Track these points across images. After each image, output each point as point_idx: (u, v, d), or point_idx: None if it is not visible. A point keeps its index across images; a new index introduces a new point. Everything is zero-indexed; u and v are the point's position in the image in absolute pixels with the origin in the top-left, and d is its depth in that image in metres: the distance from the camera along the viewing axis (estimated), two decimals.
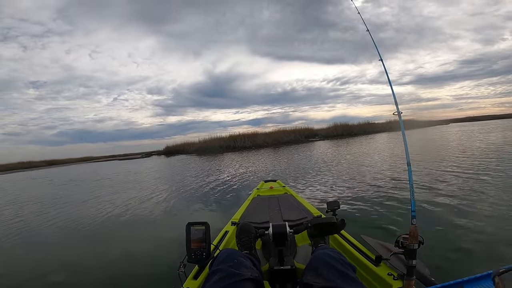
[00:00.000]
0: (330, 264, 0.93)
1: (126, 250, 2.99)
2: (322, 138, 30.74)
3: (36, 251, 3.36)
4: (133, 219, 4.33)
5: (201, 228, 1.19)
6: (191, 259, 1.18)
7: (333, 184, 5.25)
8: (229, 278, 0.89)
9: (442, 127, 28.66)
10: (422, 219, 2.83)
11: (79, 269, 2.63)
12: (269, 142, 28.31)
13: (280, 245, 1.23)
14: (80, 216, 4.88)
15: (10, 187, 13.49)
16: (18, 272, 2.73)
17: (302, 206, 2.02)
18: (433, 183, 4.36)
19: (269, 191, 2.67)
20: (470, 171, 5.01)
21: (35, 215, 5.40)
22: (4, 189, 12.47)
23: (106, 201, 6.15)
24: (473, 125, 30.65)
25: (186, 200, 5.38)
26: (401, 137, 1.31)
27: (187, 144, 34.25)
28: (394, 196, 3.90)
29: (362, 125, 33.20)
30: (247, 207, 2.14)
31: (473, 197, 3.43)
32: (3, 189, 12.50)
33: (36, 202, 7.25)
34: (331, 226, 1.19)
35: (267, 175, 7.24)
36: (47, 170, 30.07)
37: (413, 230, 1.12)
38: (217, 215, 3.98)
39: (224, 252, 1.04)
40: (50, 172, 25.50)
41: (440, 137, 15.48)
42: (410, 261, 1.09)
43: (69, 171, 23.68)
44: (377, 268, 1.18)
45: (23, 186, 13.10)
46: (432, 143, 11.92)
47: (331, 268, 0.92)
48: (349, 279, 0.87)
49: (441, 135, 17.39)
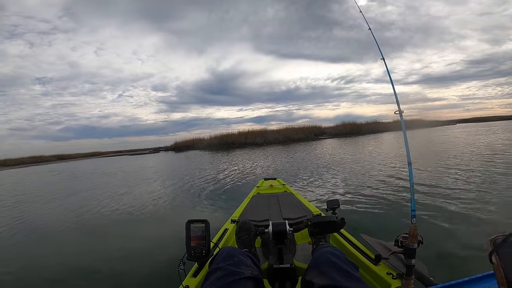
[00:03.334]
0: (334, 262, 0.92)
1: (126, 246, 2.99)
2: (331, 136, 30.69)
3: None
4: (135, 214, 4.35)
5: (201, 225, 1.19)
6: (191, 257, 1.18)
7: (334, 182, 5.23)
8: (229, 276, 0.89)
9: (449, 127, 28.22)
10: (422, 218, 2.83)
11: (78, 265, 2.63)
12: (280, 140, 28.38)
13: (279, 244, 1.23)
14: (84, 210, 4.97)
15: (53, 178, 13.40)
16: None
17: (302, 204, 2.01)
18: (434, 183, 4.31)
19: (269, 189, 2.66)
20: (473, 172, 4.92)
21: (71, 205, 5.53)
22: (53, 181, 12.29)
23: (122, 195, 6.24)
24: (481, 125, 30.02)
25: (187, 196, 5.41)
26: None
27: (196, 140, 34.66)
28: (394, 195, 3.87)
29: (369, 124, 32.91)
30: (246, 205, 2.14)
31: (475, 198, 3.38)
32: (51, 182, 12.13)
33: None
34: (331, 225, 1.19)
35: (276, 173, 7.21)
36: (60, 164, 30.42)
37: (412, 230, 1.11)
38: (217, 213, 3.98)
39: (225, 250, 1.04)
40: (65, 166, 25.76)
41: (446, 137, 15.17)
42: (409, 261, 1.09)
43: (84, 165, 23.81)
44: (376, 267, 1.18)
45: (53, 179, 13.07)
46: (437, 143, 11.71)
47: (335, 266, 0.91)
48: (353, 278, 0.87)
49: (447, 135, 17.06)
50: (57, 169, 20.74)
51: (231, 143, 28.86)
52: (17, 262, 2.86)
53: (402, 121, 1.34)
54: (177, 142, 37.35)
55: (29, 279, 2.49)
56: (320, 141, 24.91)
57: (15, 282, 2.48)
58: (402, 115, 1.35)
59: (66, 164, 30.73)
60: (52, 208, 5.50)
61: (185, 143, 35.71)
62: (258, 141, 28.44)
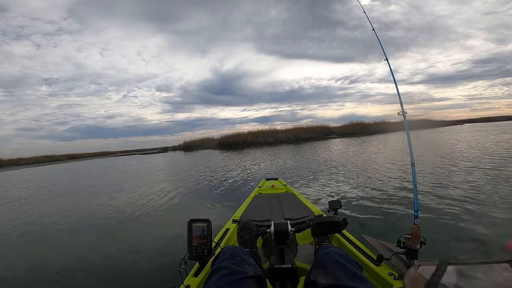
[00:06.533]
0: (339, 262, 0.92)
1: (128, 244, 3.01)
2: (340, 135, 30.82)
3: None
4: (138, 213, 4.38)
5: (203, 225, 1.20)
6: (192, 256, 1.19)
7: (336, 182, 5.18)
8: (232, 275, 0.90)
9: (456, 127, 27.59)
10: (425, 219, 2.78)
11: (79, 262, 2.66)
12: (291, 139, 28.55)
13: (281, 244, 1.22)
14: (94, 209, 5.00)
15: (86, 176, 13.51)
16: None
17: (303, 204, 2.01)
18: (438, 183, 4.23)
19: (271, 190, 2.65)
20: (479, 172, 4.81)
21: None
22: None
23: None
24: (489, 125, 29.36)
25: (190, 195, 5.44)
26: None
27: (206, 139, 34.87)
28: (397, 196, 3.82)
29: (377, 123, 32.69)
30: (248, 205, 2.14)
31: (479, 199, 3.30)
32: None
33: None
34: (333, 225, 1.18)
35: (283, 172, 7.18)
36: (73, 163, 30.79)
37: (415, 230, 1.11)
38: (218, 212, 3.98)
39: (228, 249, 1.04)
40: (79, 164, 26.11)
41: (453, 137, 14.86)
42: (412, 261, 1.09)
43: (97, 164, 23.97)
44: (378, 267, 1.17)
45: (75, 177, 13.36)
46: (443, 143, 11.50)
47: (340, 266, 0.91)
48: (358, 278, 0.87)
49: (454, 135, 16.74)
50: (74, 168, 21.07)
51: (243, 142, 29.16)
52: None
53: (405, 122, 1.34)
54: (186, 141, 37.64)
55: (29, 277, 2.53)
56: (329, 140, 24.87)
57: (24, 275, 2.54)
58: (405, 116, 1.34)
59: (78, 163, 31.14)
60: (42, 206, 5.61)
61: (194, 143, 35.94)
62: (270, 140, 28.73)
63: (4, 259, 3.05)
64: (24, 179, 14.61)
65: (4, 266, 2.81)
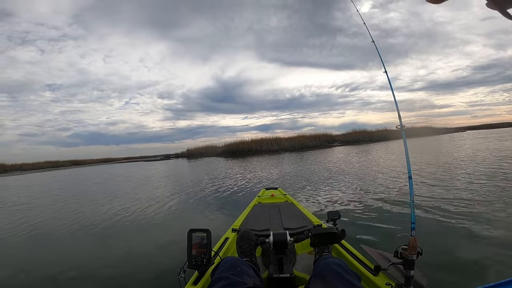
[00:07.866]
0: (338, 273, 0.94)
1: (128, 252, 3.00)
2: (342, 143, 30.92)
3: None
4: (138, 221, 4.38)
5: (203, 235, 1.22)
6: (192, 265, 1.20)
7: (336, 193, 5.15)
8: (232, 286, 0.91)
9: (457, 134, 27.36)
10: (421, 230, 2.74)
11: (78, 269, 2.65)
12: (296, 147, 28.68)
13: (280, 253, 1.23)
14: (89, 215, 5.03)
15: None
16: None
17: (302, 214, 2.01)
18: (435, 194, 4.21)
19: (270, 199, 2.66)
20: (477, 183, 4.76)
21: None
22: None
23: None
24: (490, 132, 29.12)
25: (190, 204, 5.42)
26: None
27: (209, 147, 35.06)
28: (395, 207, 3.80)
29: (379, 131, 32.76)
30: (247, 214, 2.15)
31: (477, 211, 3.28)
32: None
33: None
34: (332, 236, 1.19)
35: (284, 181, 7.18)
36: (77, 170, 30.90)
37: (412, 241, 1.12)
38: (218, 221, 3.97)
39: (227, 260, 1.06)
40: (85, 170, 26.14)
41: (453, 145, 14.74)
42: (409, 272, 1.10)
43: (101, 170, 23.94)
44: (375, 277, 1.18)
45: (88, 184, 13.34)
46: (442, 151, 11.38)
47: (339, 277, 0.92)
48: None
49: (455, 142, 16.64)
50: (81, 174, 20.96)
51: (247, 150, 29.23)
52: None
53: (403, 137, 1.36)
54: (189, 149, 37.73)
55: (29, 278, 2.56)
56: (332, 148, 24.86)
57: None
58: (403, 130, 1.36)
59: (82, 169, 31.25)
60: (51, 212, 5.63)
61: (197, 150, 36.09)
62: (274, 148, 28.80)
63: (5, 260, 3.11)
64: (36, 184, 14.69)
65: (4, 266, 2.86)
